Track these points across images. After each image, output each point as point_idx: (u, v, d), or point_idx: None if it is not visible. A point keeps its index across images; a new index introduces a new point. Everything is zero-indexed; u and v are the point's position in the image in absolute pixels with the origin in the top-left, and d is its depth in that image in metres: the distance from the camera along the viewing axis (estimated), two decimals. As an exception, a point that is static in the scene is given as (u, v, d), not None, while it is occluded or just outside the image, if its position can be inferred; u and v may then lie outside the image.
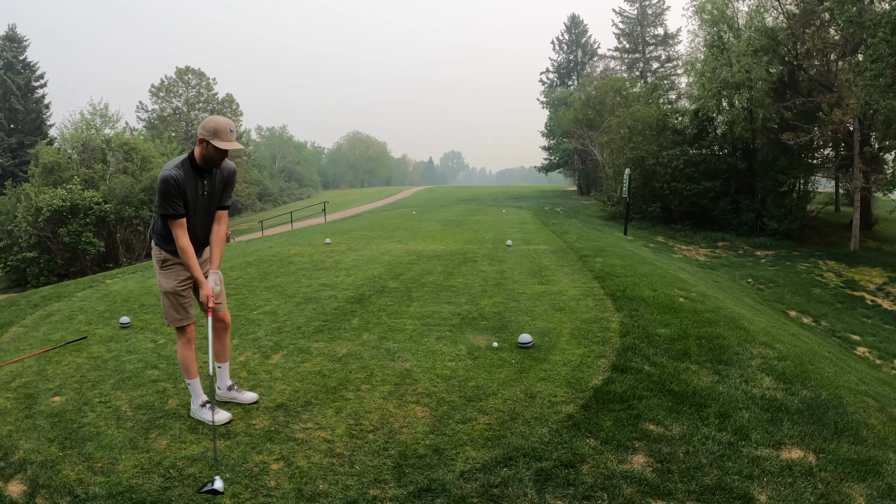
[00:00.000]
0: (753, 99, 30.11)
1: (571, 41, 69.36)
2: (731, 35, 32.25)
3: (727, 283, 19.22)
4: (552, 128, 62.06)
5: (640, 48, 63.00)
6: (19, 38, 59.05)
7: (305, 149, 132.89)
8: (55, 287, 12.71)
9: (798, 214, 30.69)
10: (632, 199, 29.97)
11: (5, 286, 38.90)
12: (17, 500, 4.12)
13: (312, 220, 47.30)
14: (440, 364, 6.37)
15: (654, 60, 62.79)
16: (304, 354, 6.94)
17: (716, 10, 32.50)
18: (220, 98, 75.92)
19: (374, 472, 4.30)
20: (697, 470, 4.14)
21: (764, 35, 30.71)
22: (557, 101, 63.58)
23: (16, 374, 6.69)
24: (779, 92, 30.94)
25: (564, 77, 69.53)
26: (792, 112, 29.02)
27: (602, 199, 39.00)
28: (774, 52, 30.38)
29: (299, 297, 10.05)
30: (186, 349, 5.25)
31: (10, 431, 5.15)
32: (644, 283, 10.15)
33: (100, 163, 42.88)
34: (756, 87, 29.97)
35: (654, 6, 62.62)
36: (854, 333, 16.32)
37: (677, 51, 60.85)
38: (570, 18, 69.65)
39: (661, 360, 6.18)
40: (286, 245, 18.13)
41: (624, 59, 63.79)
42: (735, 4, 32.65)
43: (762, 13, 31.59)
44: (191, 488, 4.15)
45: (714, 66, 31.27)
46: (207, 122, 4.86)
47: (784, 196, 31.37)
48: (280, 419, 5.19)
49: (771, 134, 30.91)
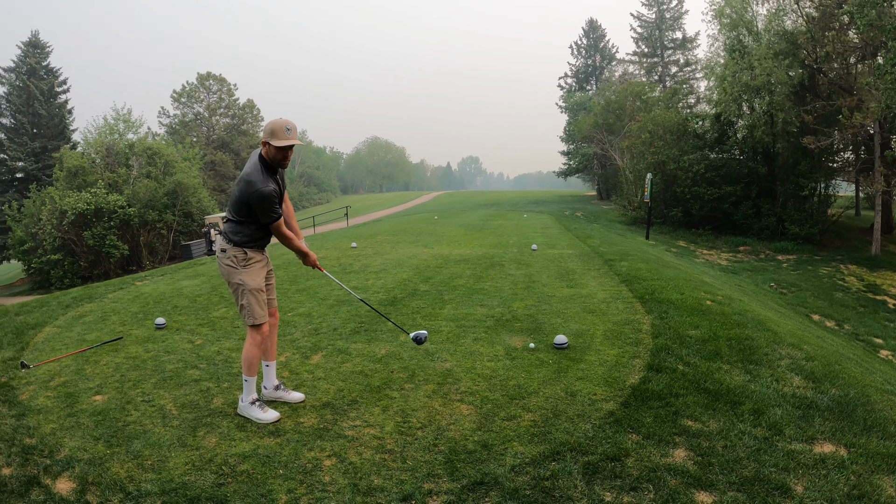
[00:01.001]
0: (774, 103, 30.02)
1: (590, 46, 69.24)
2: (750, 39, 32.16)
3: (750, 287, 19.29)
4: (571, 132, 61.92)
5: (659, 52, 62.86)
6: (42, 45, 59.58)
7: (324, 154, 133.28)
8: (85, 288, 12.90)
9: (819, 218, 30.60)
10: (653, 204, 29.98)
11: (29, 288, 39.34)
12: (66, 498, 4.18)
13: (334, 224, 47.40)
14: (479, 364, 6.53)
15: (673, 64, 62.61)
16: (344, 355, 7.09)
17: (735, 14, 32.46)
18: (241, 104, 76.27)
19: (427, 466, 4.42)
20: (736, 463, 4.28)
21: (783, 39, 30.63)
22: (576, 105, 63.49)
23: (54, 374, 6.82)
24: (799, 95, 30.82)
25: (583, 82, 69.37)
26: (812, 116, 28.90)
27: (623, 204, 38.98)
28: (794, 55, 30.27)
29: (332, 300, 10.24)
30: (256, 347, 5.38)
31: (54, 430, 5.26)
32: (671, 287, 10.29)
33: (123, 167, 43.16)
34: (776, 90, 29.92)
35: (673, 10, 62.46)
36: (877, 337, 16.35)
37: (696, 55, 60.62)
38: (588, 23, 69.51)
39: (693, 361, 6.34)
40: (312, 249, 18.02)
41: (643, 64, 63.64)
42: (754, 8, 32.57)
43: (781, 16, 31.47)
44: (245, 485, 4.26)
45: (734, 70, 31.22)
46: (267, 125, 5.09)
47: (805, 200, 31.22)
48: (328, 417, 5.32)
49: (791, 138, 30.82)
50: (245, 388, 5.41)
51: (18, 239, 39.86)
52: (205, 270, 14.52)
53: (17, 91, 56.69)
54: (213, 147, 70.55)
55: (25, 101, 56.83)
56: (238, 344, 7.70)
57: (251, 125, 77.02)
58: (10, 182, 57.09)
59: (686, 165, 32.75)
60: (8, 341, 8.39)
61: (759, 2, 32.53)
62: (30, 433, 5.22)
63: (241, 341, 7.84)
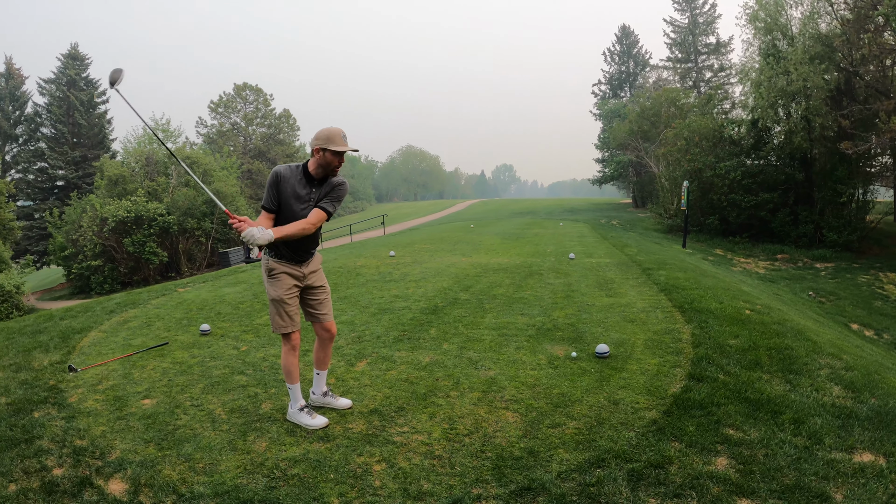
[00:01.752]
0: (810, 108, 29.65)
1: (623, 52, 68.99)
2: (785, 43, 31.83)
3: (788, 295, 19.17)
4: (606, 140, 61.74)
5: (693, 57, 62.40)
6: (81, 57, 60.64)
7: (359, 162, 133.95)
8: (128, 294, 13.10)
9: (857, 225, 30.17)
10: (689, 212, 29.81)
11: (69, 292, 39.96)
12: (119, 499, 4.27)
13: (370, 232, 47.57)
14: (523, 372, 6.62)
15: (708, 70, 62.08)
16: (389, 363, 7.20)
17: (769, 18, 32.15)
18: (278, 113, 76.86)
19: (475, 472, 4.51)
20: (777, 471, 4.34)
21: (818, 42, 30.23)
22: (610, 113, 63.21)
23: (102, 378, 6.95)
24: (835, 99, 30.38)
25: (616, 88, 69.08)
26: (849, 120, 28.48)
27: (658, 212, 38.76)
28: (830, 58, 29.85)
29: (373, 308, 10.36)
30: (290, 355, 5.46)
31: (104, 432, 5.37)
32: (710, 296, 10.31)
33: (162, 176, 43.79)
34: (813, 95, 29.58)
35: (706, 14, 61.97)
36: (918, 346, 16.20)
37: (730, 59, 59.96)
38: (621, 29, 69.24)
39: (734, 370, 6.39)
40: (351, 257, 18.47)
41: (676, 70, 63.17)
42: (788, 11, 32.28)
43: (816, 19, 31.04)
44: (296, 488, 4.34)
45: (770, 76, 30.91)
46: (320, 132, 5.13)
47: (843, 206, 30.75)
48: (376, 423, 5.42)
49: (828, 143, 30.35)
50: (291, 394, 5.54)
51: (59, 245, 40.53)
52: (246, 278, 14.72)
53: (57, 102, 57.85)
54: (250, 156, 71.14)
55: (66, 111, 57.94)
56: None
57: (287, 134, 77.57)
58: (51, 190, 58.22)
59: (722, 172, 32.50)
60: (55, 345, 8.55)
61: (793, 5, 32.17)
62: (80, 435, 5.32)
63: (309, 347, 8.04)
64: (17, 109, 59.43)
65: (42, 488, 4.44)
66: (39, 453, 4.98)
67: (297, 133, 79.01)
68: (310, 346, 7.28)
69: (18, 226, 45.61)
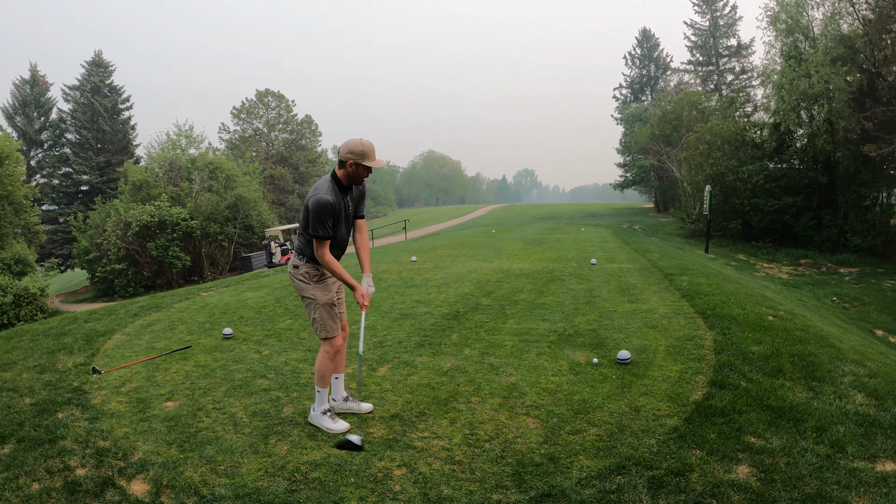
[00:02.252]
0: (833, 110, 29.41)
1: (644, 55, 68.88)
2: (807, 44, 31.62)
3: (812, 301, 19.01)
4: (627, 144, 61.58)
5: (714, 60, 62.12)
6: (105, 64, 61.42)
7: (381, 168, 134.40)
8: (152, 297, 13.23)
9: (882, 229, 29.87)
10: (712, 216, 29.66)
11: (93, 295, 40.38)
12: (141, 500, 4.33)
13: (392, 237, 47.65)
14: (544, 379, 6.62)
15: (729, 72, 61.79)
16: (410, 368, 7.22)
17: (790, 20, 31.95)
18: (299, 119, 77.23)
19: (495, 478, 4.52)
20: (798, 480, 4.31)
21: (840, 43, 29.93)
22: (632, 117, 63.11)
23: (125, 380, 7.06)
24: (858, 101, 30.02)
25: (638, 92, 68.96)
26: (872, 122, 28.15)
27: (681, 217, 38.60)
28: (852, 60, 29.56)
29: (395, 313, 10.39)
30: (329, 360, 5.49)
31: (127, 433, 5.45)
32: (732, 302, 10.24)
33: (186, 181, 44.19)
34: (835, 97, 29.35)
35: (727, 17, 61.71)
36: (944, 353, 16.03)
37: (751, 62, 59.66)
38: (642, 32, 69.18)
39: (756, 377, 6.35)
40: (373, 262, 18.46)
41: (698, 73, 62.91)
42: (810, 12, 32.05)
43: (837, 20, 30.76)
44: (317, 491, 4.39)
45: (791, 78, 30.70)
46: (353, 145, 5.16)
47: (867, 210, 30.47)
48: (397, 428, 5.45)
49: (851, 146, 30.01)
50: (318, 398, 5.54)
51: (83, 249, 40.96)
52: (268, 282, 14.79)
53: (81, 108, 58.60)
54: (273, 161, 71.52)
55: (90, 117, 58.61)
56: (305, 355, 7.90)
57: (309, 140, 77.95)
58: (76, 194, 58.93)
59: (745, 176, 32.32)
60: (79, 347, 8.68)
61: (815, 6, 31.94)
62: (103, 436, 5.41)
63: (308, 352, 8.04)
64: (42, 115, 60.21)
65: (65, 488, 4.52)
66: (63, 453, 5.07)
67: (318, 139, 79.50)
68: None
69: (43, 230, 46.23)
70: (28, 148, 58.23)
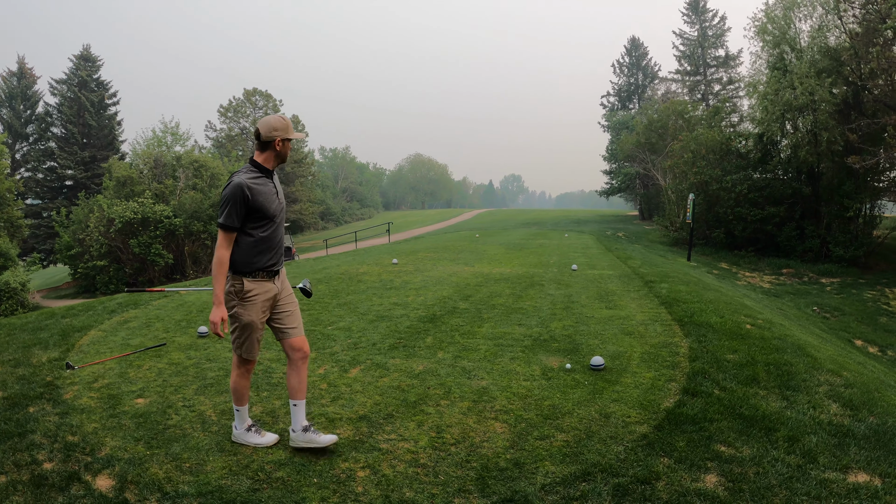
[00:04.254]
0: (817, 121, 29.55)
1: (632, 64, 69.08)
2: (793, 56, 31.80)
3: (792, 311, 19.06)
4: (614, 151, 61.71)
5: (702, 70, 62.33)
6: (93, 58, 60.97)
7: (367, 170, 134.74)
8: (130, 294, 13.18)
9: (864, 240, 29.96)
10: (695, 225, 29.73)
11: (74, 291, 40.16)
12: (105, 494, 4.31)
13: (376, 240, 47.70)
14: (515, 383, 6.57)
15: (716, 83, 62.00)
16: (382, 370, 7.19)
17: (777, 31, 32.11)
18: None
19: (458, 482, 4.48)
20: (768, 490, 4.26)
21: (827, 55, 30.16)
22: (619, 124, 63.25)
23: (98, 376, 7.06)
24: (843, 114, 30.26)
25: (625, 100, 69.15)
26: (857, 134, 28.28)
27: (664, 224, 38.67)
28: (838, 72, 29.75)
29: (372, 315, 10.37)
30: (245, 378, 5.03)
31: (96, 429, 5.45)
32: (710, 310, 10.24)
33: (170, 178, 43.97)
34: (820, 109, 29.51)
35: (715, 27, 61.95)
36: (922, 364, 16.07)
37: (739, 72, 59.85)
38: (631, 41, 69.40)
39: (730, 385, 6.32)
40: (354, 264, 18.49)
41: (685, 82, 63.10)
42: (797, 24, 32.22)
43: (824, 32, 30.97)
44: (279, 491, 4.36)
45: (777, 89, 30.82)
46: (275, 121, 4.76)
47: (850, 221, 30.58)
48: (363, 430, 5.41)
49: (836, 157, 30.21)
50: (237, 416, 5.16)
51: (66, 244, 40.65)
52: (247, 282, 14.68)
53: (68, 102, 58.12)
54: (260, 161, 71.25)
55: (76, 111, 58.17)
56: (278, 355, 7.84)
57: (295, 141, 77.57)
58: (60, 189, 58.48)
59: (729, 185, 32.42)
60: (54, 342, 8.68)
61: (802, 18, 32.15)
62: (72, 431, 5.40)
63: (281, 353, 7.98)
64: (28, 109, 59.71)
65: (31, 481, 4.50)
66: (31, 447, 5.07)
67: (305, 140, 79.19)
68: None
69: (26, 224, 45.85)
70: (13, 141, 57.75)
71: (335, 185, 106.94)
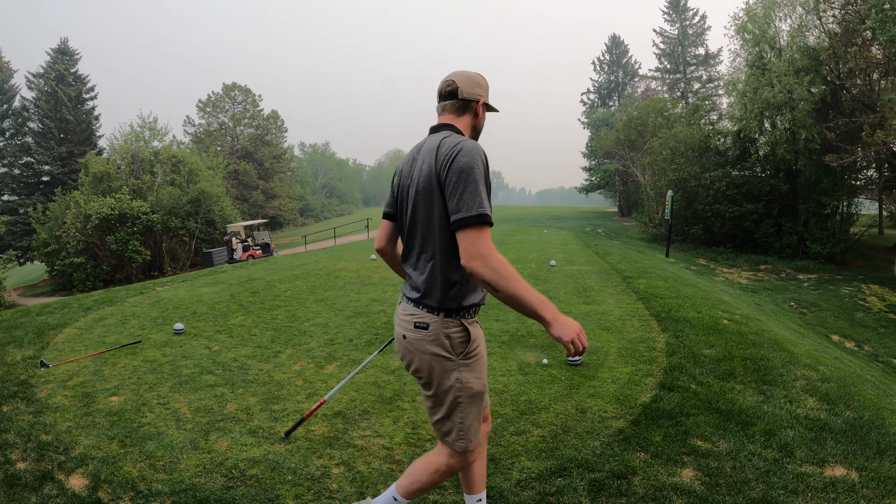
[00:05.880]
0: (796, 119, 29.94)
1: (612, 62, 69.39)
2: (772, 55, 32.08)
3: (770, 306, 19.18)
4: (593, 148, 61.98)
5: (682, 68, 62.73)
6: (71, 52, 60.34)
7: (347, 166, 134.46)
8: (106, 292, 13.15)
9: (841, 237, 30.39)
10: (674, 221, 29.87)
11: (51, 289, 39.77)
12: (79, 494, 4.26)
13: (355, 236, 47.55)
14: (492, 379, 6.52)
15: (696, 81, 62.47)
16: (358, 366, 7.11)
17: (757, 30, 32.44)
18: (266, 114, 76.68)
19: (434, 479, 4.47)
20: (744, 484, 4.24)
21: (805, 55, 30.53)
22: (598, 121, 63.54)
23: (72, 374, 7.01)
24: (821, 112, 30.67)
25: (605, 98, 69.46)
26: (834, 133, 28.68)
27: (643, 221, 38.89)
28: (816, 71, 30.17)
29: (349, 311, 10.33)
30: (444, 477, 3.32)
31: (70, 427, 5.40)
32: (688, 305, 10.26)
33: (148, 174, 43.67)
34: (798, 107, 29.82)
35: (695, 26, 62.38)
36: (897, 358, 16.21)
37: (718, 71, 60.44)
38: (611, 39, 69.76)
39: (707, 380, 6.30)
40: (332, 260, 18.42)
41: (665, 80, 63.51)
42: (777, 24, 32.51)
43: (804, 32, 31.39)
44: (253, 489, 4.31)
45: (756, 87, 31.14)
46: (477, 76, 3.26)
47: (827, 218, 31.03)
48: (339, 426, 5.36)
49: (813, 155, 30.66)
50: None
51: (42, 241, 40.24)
52: (225, 278, 14.64)
53: (45, 96, 57.45)
54: (237, 157, 71.00)
55: (53, 106, 57.53)
56: (254, 351, 7.82)
57: (275, 136, 77.42)
58: (36, 185, 57.83)
59: (707, 183, 32.69)
60: (29, 340, 8.61)
61: (782, 18, 32.48)
62: (46, 430, 5.35)
63: (257, 349, 7.94)
64: (4, 103, 58.98)
65: (4, 481, 4.46)
66: (4, 447, 5.01)
67: (284, 135, 78.96)
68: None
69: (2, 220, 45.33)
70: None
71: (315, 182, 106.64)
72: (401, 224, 3.28)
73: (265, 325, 9.41)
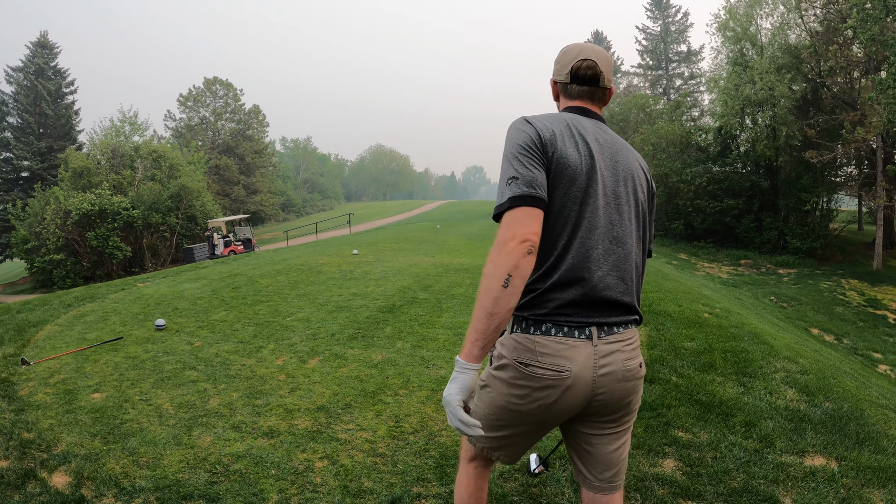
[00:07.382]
0: (776, 116, 30.15)
1: (595, 57, 69.48)
2: (753, 52, 32.28)
3: (750, 300, 19.29)
4: (575, 143, 62.04)
5: (664, 65, 62.94)
6: (50, 45, 59.83)
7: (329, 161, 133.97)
8: (87, 288, 13.11)
9: (821, 233, 30.59)
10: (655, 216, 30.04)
11: (31, 286, 39.42)
12: (62, 491, 4.25)
13: (337, 231, 47.45)
14: (475, 372, 6.55)
15: (678, 77, 62.69)
16: (340, 360, 7.17)
17: (739, 28, 32.56)
18: (247, 109, 76.28)
19: (417, 471, 4.45)
20: (725, 474, 4.28)
21: (787, 53, 30.78)
22: (581, 116, 63.61)
23: (54, 371, 7.00)
24: (802, 109, 30.92)
25: (587, 93, 69.58)
26: (815, 130, 28.92)
27: (625, 216, 39.01)
28: (797, 69, 30.43)
29: (331, 306, 10.33)
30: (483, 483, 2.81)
31: (52, 425, 5.40)
32: (669, 299, 10.31)
33: (128, 169, 43.32)
34: (779, 104, 30.02)
35: (678, 23, 62.58)
36: (876, 351, 16.32)
37: (700, 67, 60.69)
38: (594, 35, 69.73)
39: (687, 372, 6.35)
40: (314, 255, 18.37)
41: (647, 76, 63.69)
42: (758, 22, 32.68)
43: (785, 31, 31.61)
44: (237, 484, 4.31)
45: (737, 84, 31.31)
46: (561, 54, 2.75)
47: (807, 214, 31.20)
48: (322, 420, 5.38)
49: (794, 152, 30.93)
50: None
51: (22, 238, 39.84)
52: (206, 274, 14.58)
53: (24, 91, 56.90)
54: (219, 151, 70.51)
55: (32, 101, 57.01)
56: (237, 347, 7.84)
57: (256, 130, 76.92)
58: (16, 181, 57.27)
59: (688, 178, 32.82)
60: (9, 338, 8.61)
61: (764, 16, 32.66)
62: (28, 428, 5.34)
63: (240, 344, 7.99)
64: (-19, 98, 58.57)
65: None
66: None
67: (266, 129, 78.48)
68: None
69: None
70: (-32, 132, 56.70)
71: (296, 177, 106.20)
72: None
73: (247, 321, 9.39)
